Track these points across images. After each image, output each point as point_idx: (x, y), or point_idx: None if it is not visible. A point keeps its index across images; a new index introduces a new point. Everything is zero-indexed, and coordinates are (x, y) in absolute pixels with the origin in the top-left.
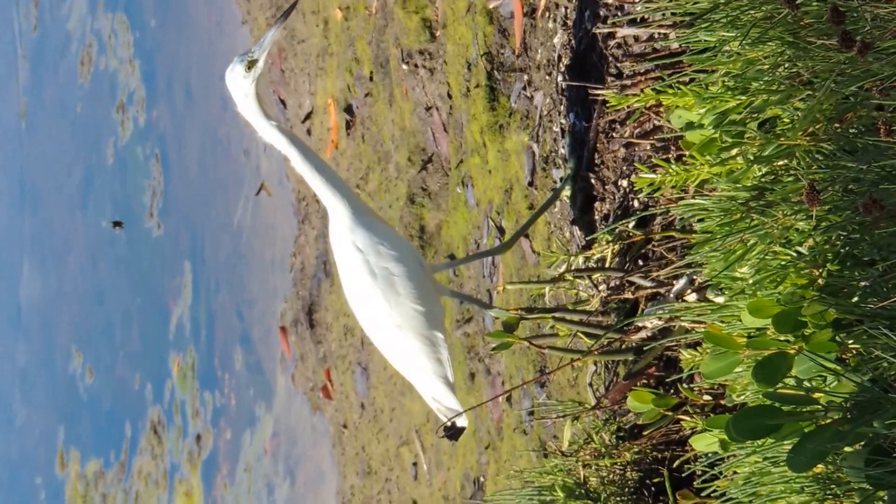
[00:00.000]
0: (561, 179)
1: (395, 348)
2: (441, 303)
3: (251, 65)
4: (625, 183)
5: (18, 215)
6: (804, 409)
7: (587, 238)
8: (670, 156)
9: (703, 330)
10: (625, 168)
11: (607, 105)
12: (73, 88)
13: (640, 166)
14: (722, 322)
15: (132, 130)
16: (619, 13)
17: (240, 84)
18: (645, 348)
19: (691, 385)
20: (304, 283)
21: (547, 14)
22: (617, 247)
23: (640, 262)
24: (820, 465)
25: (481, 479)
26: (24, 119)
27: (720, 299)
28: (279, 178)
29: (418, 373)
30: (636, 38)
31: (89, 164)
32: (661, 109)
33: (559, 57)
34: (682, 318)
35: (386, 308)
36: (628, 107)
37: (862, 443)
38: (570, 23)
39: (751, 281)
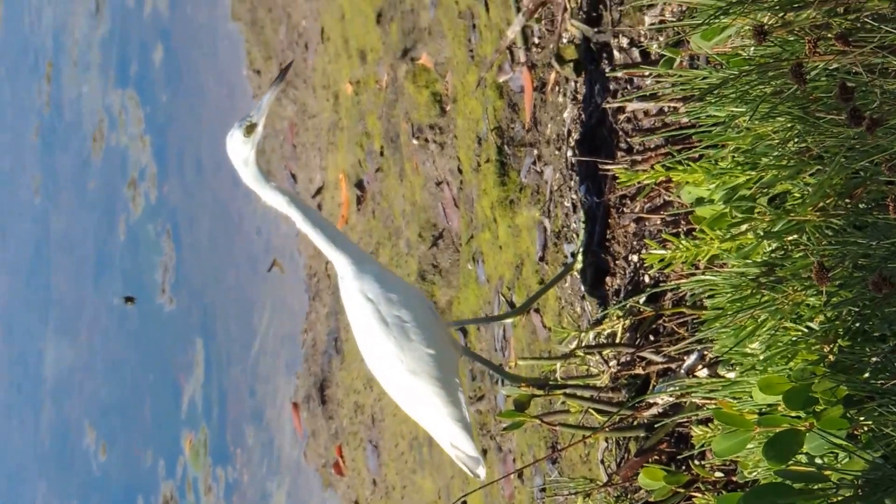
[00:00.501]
0: (572, 254)
1: (410, 395)
2: (454, 348)
3: (250, 129)
4: (635, 258)
5: (33, 290)
6: (816, 487)
7: (598, 314)
8: (680, 230)
9: (713, 407)
10: (635, 243)
11: (617, 181)
12: (86, 164)
13: (649, 242)
14: (733, 398)
15: (143, 206)
16: (628, 86)
17: (239, 150)
18: (656, 425)
19: (703, 461)
20: (316, 360)
21: (557, 88)
22: (627, 322)
23: (651, 337)
24: None
25: None
26: (37, 194)
27: (731, 374)
28: (290, 254)
29: (434, 416)
30: (646, 113)
31: (101, 241)
32: (672, 185)
33: (569, 131)
34: (693, 394)
35: (399, 354)
36: (639, 182)
37: None
38: (579, 97)
39: (761, 357)
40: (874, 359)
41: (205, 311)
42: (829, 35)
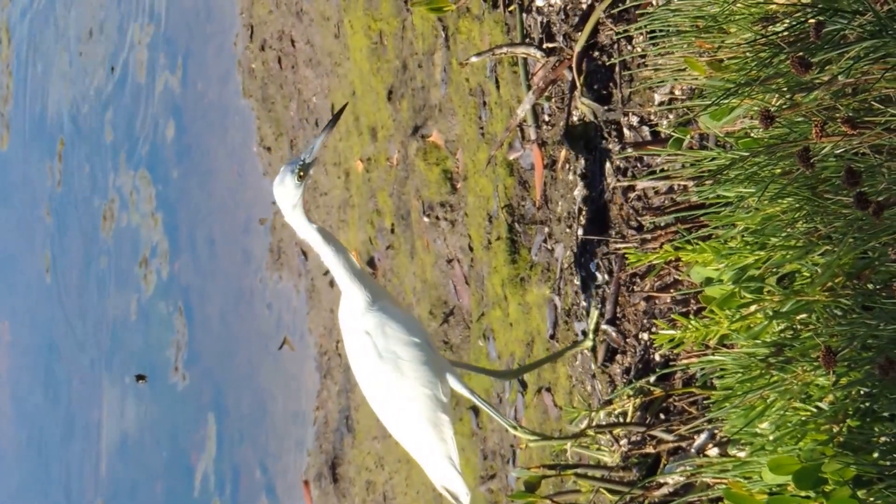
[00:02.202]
0: (583, 332)
1: (401, 429)
2: (448, 387)
3: (302, 173)
4: (645, 336)
5: (44, 369)
6: None
7: (609, 392)
8: (690, 309)
9: (724, 487)
10: (645, 321)
11: (627, 260)
12: (97, 243)
13: (659, 322)
14: (744, 478)
15: (155, 283)
16: (638, 164)
17: (290, 194)
18: None
19: None
20: (328, 437)
21: (567, 166)
22: (638, 401)
23: (662, 416)
24: None
25: None
26: (48, 273)
27: (742, 454)
28: (301, 333)
29: (424, 453)
30: (656, 191)
31: (113, 320)
32: (681, 264)
33: (580, 209)
34: (703, 473)
35: (392, 390)
36: (648, 262)
37: None
38: (590, 175)
39: (771, 437)
40: (883, 438)
41: (217, 387)
42: (838, 116)
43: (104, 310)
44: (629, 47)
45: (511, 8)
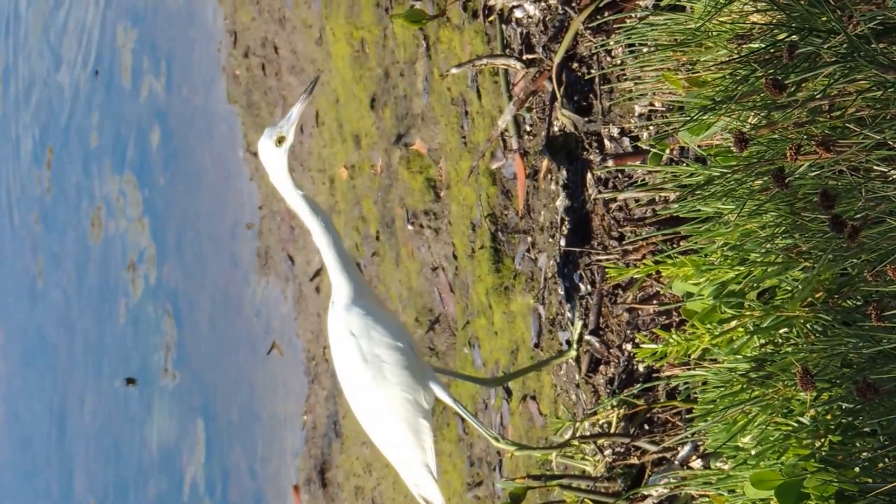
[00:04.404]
0: (567, 342)
1: (380, 433)
2: (431, 394)
3: (280, 140)
4: (629, 346)
5: (36, 373)
6: None
7: (593, 401)
8: (673, 320)
9: (707, 501)
10: (628, 332)
11: (608, 274)
12: (85, 249)
13: (641, 337)
14: (728, 491)
15: (143, 288)
16: (619, 174)
17: (271, 157)
18: None
19: None
20: (316, 442)
21: (549, 176)
22: (622, 411)
23: (646, 427)
24: None
25: None
26: (40, 278)
27: (725, 466)
28: (289, 337)
29: (401, 458)
30: (637, 201)
31: (102, 325)
32: (663, 277)
33: (562, 219)
34: (687, 486)
35: (373, 393)
36: (630, 276)
37: None
38: (571, 185)
39: (753, 451)
40: (864, 453)
41: (206, 392)
42: (815, 131)
43: (94, 314)
44: (608, 59)
45: (491, 18)
